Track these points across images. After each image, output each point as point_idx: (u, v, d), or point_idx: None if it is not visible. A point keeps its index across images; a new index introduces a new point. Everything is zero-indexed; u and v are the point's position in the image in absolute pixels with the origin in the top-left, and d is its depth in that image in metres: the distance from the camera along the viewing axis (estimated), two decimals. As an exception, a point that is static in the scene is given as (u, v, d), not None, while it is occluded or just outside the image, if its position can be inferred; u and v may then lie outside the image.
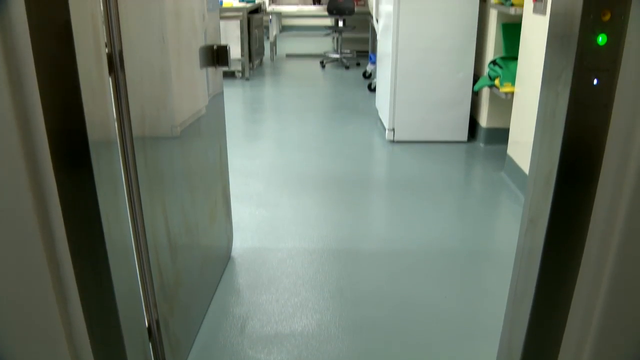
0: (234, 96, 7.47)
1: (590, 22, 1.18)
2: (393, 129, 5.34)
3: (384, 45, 5.62)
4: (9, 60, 1.17)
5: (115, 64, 1.53)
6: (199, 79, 2.33)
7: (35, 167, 1.24)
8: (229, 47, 2.37)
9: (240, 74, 8.39)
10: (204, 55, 2.32)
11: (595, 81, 1.22)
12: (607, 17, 1.18)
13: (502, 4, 4.66)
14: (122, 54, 1.53)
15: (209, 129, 2.56)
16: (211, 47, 2.36)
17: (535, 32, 3.96)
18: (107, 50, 1.50)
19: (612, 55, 1.21)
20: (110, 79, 1.50)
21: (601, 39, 1.19)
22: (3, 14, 1.14)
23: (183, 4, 2.04)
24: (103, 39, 1.43)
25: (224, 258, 3.00)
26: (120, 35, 1.51)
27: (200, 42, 2.30)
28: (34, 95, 1.21)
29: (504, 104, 4.81)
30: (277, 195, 4.08)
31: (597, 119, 1.26)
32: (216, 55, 2.37)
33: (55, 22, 1.21)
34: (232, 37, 8.18)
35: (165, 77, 1.92)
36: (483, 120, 5.30)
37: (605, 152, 1.28)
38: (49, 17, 1.20)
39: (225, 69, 2.64)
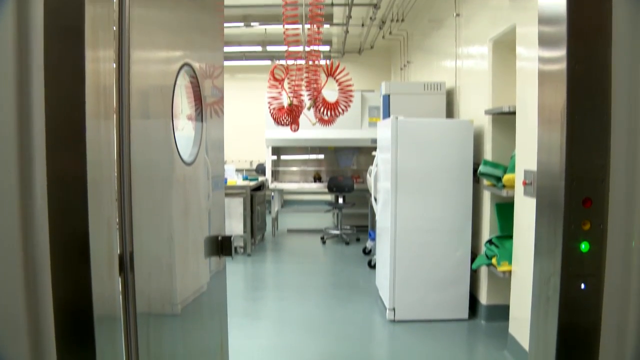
0: (236, 272, 7.52)
1: (572, 232, 1.27)
2: (394, 309, 5.33)
3: (383, 221, 5.78)
4: (28, 267, 1.25)
5: (125, 265, 1.60)
6: (202, 261, 2.39)
7: (38, 343, 1.28)
8: (234, 238, 2.46)
9: (242, 250, 8.51)
10: (209, 246, 2.40)
11: (582, 286, 1.28)
12: (587, 227, 1.27)
13: (494, 185, 4.86)
14: (132, 255, 1.61)
15: (210, 307, 2.58)
16: (216, 237, 2.45)
17: (527, 212, 4.10)
18: (119, 251, 1.58)
19: (596, 261, 1.28)
20: (120, 279, 1.57)
21: (584, 246, 1.27)
22: (28, 240, 1.24)
23: (191, 203, 2.16)
24: (116, 242, 1.52)
25: None
26: (132, 238, 1.60)
27: (205, 233, 2.39)
28: (47, 289, 1.28)
29: (503, 280, 4.85)
30: (278, 380, 3.99)
31: (588, 321, 1.30)
32: (220, 246, 2.46)
33: (74, 234, 1.30)
34: (235, 214, 8.40)
35: (171, 269, 1.99)
36: (483, 298, 5.30)
37: (600, 353, 1.31)
38: (69, 231, 1.30)
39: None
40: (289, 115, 4.61)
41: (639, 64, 1.32)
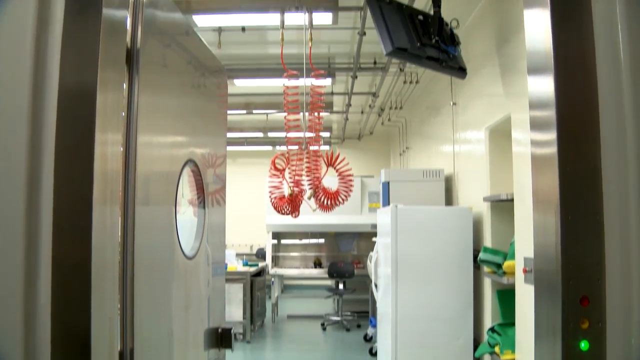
0: (235, 360, 7.39)
1: (571, 330, 1.27)
2: (396, 400, 5.22)
3: (384, 307, 5.72)
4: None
5: (125, 362, 1.60)
6: (202, 352, 2.36)
7: None
8: (234, 330, 2.44)
9: (241, 337, 8.37)
10: (209, 338, 2.38)
11: (584, 386, 1.28)
12: (585, 325, 1.28)
13: (494, 272, 4.85)
14: (132, 352, 1.60)
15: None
16: (216, 329, 2.44)
17: (529, 300, 4.06)
18: (119, 347, 1.57)
19: (596, 359, 1.28)
20: (119, 377, 1.57)
21: (584, 345, 1.28)
22: (29, 334, 1.25)
23: (192, 297, 2.17)
24: (117, 339, 1.52)
25: None
26: (132, 334, 1.60)
27: (205, 325, 2.38)
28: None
29: (507, 371, 4.76)
30: None
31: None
32: (220, 338, 2.44)
33: (76, 329, 1.31)
34: (235, 300, 8.32)
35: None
36: (488, 388, 5.19)
37: None
38: (71, 326, 1.31)
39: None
40: (290, 205, 4.66)
41: (628, 160, 1.36)
